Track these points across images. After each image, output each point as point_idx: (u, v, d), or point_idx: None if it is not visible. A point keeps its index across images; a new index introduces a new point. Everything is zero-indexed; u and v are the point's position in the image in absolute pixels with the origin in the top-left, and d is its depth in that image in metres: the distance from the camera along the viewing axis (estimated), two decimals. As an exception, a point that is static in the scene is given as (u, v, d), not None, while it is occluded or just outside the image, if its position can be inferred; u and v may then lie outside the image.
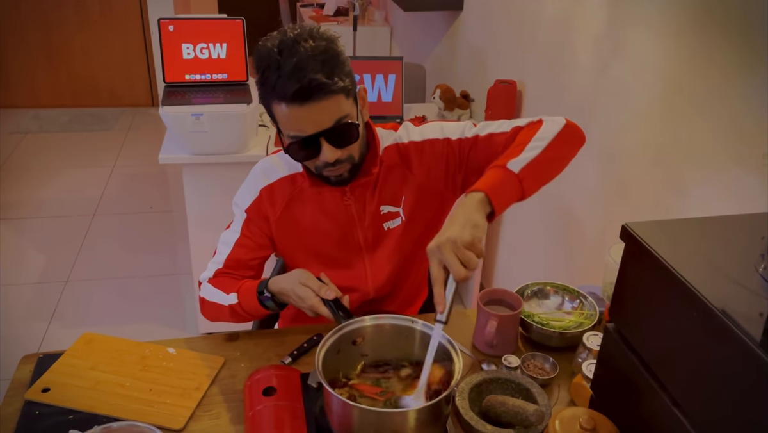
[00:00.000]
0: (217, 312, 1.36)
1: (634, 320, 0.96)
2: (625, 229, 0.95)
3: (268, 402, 1.09)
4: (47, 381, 1.22)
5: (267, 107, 1.20)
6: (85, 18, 5.01)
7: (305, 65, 1.09)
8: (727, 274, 0.86)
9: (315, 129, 1.15)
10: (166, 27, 2.25)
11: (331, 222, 1.35)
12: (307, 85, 1.09)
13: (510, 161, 1.14)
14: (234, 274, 1.38)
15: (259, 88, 1.17)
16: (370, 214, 1.35)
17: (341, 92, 1.14)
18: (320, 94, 1.11)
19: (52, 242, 3.37)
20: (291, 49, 1.11)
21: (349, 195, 1.33)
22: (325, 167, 1.23)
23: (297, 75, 1.09)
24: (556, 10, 2.11)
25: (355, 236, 1.37)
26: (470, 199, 1.08)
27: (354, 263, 1.39)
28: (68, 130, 4.81)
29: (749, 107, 1.29)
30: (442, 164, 1.34)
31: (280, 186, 1.35)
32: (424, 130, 1.37)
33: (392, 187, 1.35)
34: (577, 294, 1.41)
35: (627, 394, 0.98)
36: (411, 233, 1.38)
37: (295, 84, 1.09)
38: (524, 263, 2.50)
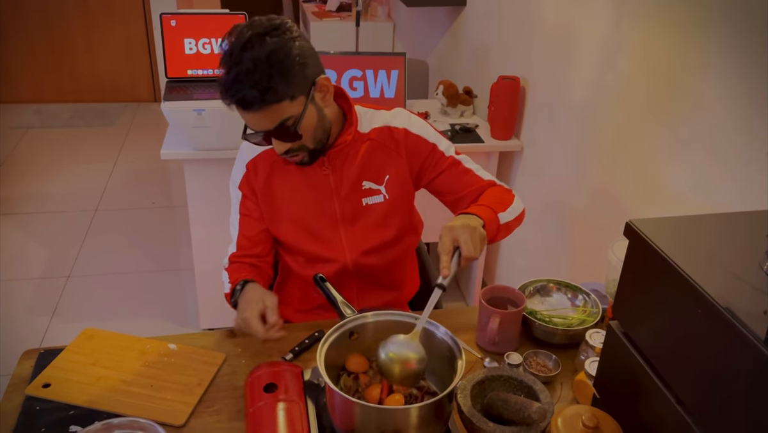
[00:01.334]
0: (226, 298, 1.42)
1: (638, 317, 0.95)
2: (629, 226, 0.94)
3: (270, 398, 1.09)
4: (48, 377, 1.21)
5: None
6: (87, 13, 5.00)
7: (243, 79, 1.15)
8: (731, 271, 0.85)
9: (260, 128, 1.24)
10: (168, 22, 2.24)
11: (310, 191, 1.40)
12: (242, 99, 1.17)
13: (500, 213, 1.31)
14: (248, 255, 1.43)
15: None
16: (348, 187, 1.40)
17: (283, 99, 1.19)
18: (256, 106, 1.18)
19: (54, 237, 3.37)
20: (236, 57, 1.15)
21: (327, 165, 1.38)
22: (282, 155, 1.30)
23: (235, 88, 1.16)
24: (559, 6, 2.09)
25: (331, 206, 1.41)
26: (471, 218, 1.21)
27: (331, 234, 1.44)
28: (70, 126, 4.80)
29: (754, 104, 1.28)
30: (419, 161, 1.42)
31: (263, 157, 1.41)
32: (418, 124, 1.43)
33: (377, 165, 1.40)
34: (580, 291, 1.40)
35: (630, 392, 0.98)
36: (395, 212, 1.44)
37: (234, 96, 1.17)
38: (527, 260, 2.49)
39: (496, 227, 1.28)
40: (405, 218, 1.47)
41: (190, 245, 2.48)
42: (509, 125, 2.44)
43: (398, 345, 1.05)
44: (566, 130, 2.10)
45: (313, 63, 1.23)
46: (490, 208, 1.29)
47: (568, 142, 2.08)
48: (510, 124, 2.43)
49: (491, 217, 1.27)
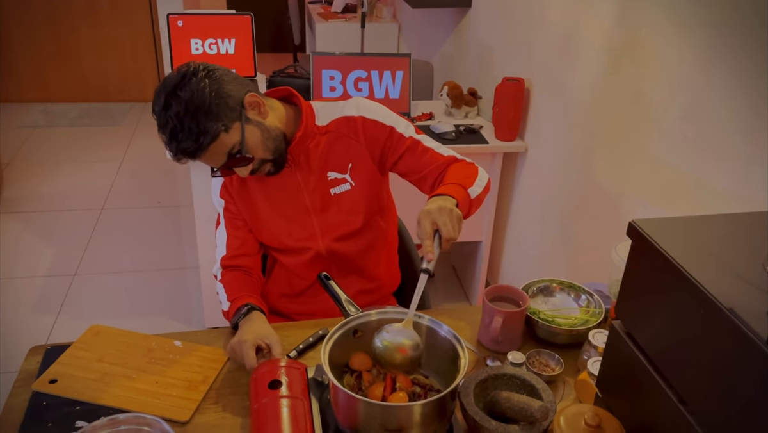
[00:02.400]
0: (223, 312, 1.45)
1: (641, 317, 0.96)
2: (632, 226, 0.95)
3: (274, 395, 1.10)
4: (54, 373, 1.23)
5: None
6: (94, 13, 5.02)
7: (176, 135, 1.23)
8: (734, 271, 0.85)
9: (215, 165, 1.31)
10: (175, 22, 2.25)
11: (281, 190, 1.45)
12: (183, 150, 1.25)
13: (470, 187, 1.33)
14: (240, 255, 1.48)
15: None
16: (315, 179, 1.45)
17: (217, 135, 1.25)
18: (199, 152, 1.25)
19: (61, 235, 3.39)
20: (163, 119, 1.24)
21: (290, 163, 1.42)
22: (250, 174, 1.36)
23: (173, 145, 1.25)
24: (564, 8, 2.10)
25: (302, 199, 1.46)
26: (446, 199, 1.23)
27: (305, 224, 1.49)
28: (77, 125, 4.83)
29: (756, 107, 1.28)
30: (379, 146, 1.45)
31: None
32: (373, 109, 1.46)
33: (339, 155, 1.44)
34: (583, 291, 1.41)
35: (633, 391, 0.98)
36: (363, 197, 1.48)
37: (176, 151, 1.25)
38: (530, 260, 2.49)
39: (468, 203, 1.31)
40: (372, 202, 1.50)
41: (195, 244, 2.49)
42: (514, 126, 2.44)
43: (392, 333, 1.08)
44: (570, 132, 2.10)
45: (233, 89, 1.28)
46: (459, 185, 1.31)
47: (573, 144, 2.09)
48: (514, 125, 2.44)
49: (463, 195, 1.29)
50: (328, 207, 1.47)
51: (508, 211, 2.67)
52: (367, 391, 1.11)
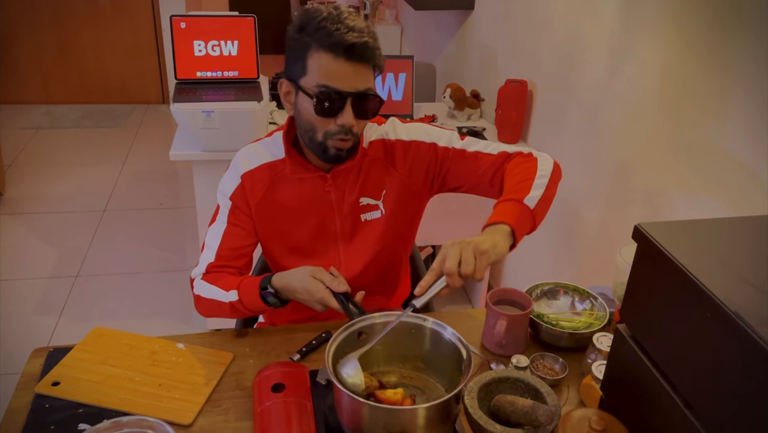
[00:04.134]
0: (215, 309, 1.35)
1: (646, 321, 0.95)
2: (637, 229, 0.94)
3: (277, 399, 1.10)
4: (57, 375, 1.22)
5: (301, 55, 1.21)
6: (96, 15, 5.03)
7: (363, 30, 1.18)
8: (740, 275, 0.85)
9: (349, 88, 1.20)
10: (178, 24, 2.25)
11: (310, 208, 1.37)
12: (363, 44, 1.17)
13: (525, 197, 1.22)
14: (228, 266, 1.37)
15: (303, 35, 1.20)
16: (348, 204, 1.38)
17: (376, 69, 1.23)
18: (367, 58, 1.19)
19: (63, 237, 3.39)
20: (351, 15, 1.20)
21: (330, 182, 1.35)
22: (337, 134, 1.24)
23: (357, 33, 1.17)
24: (567, 10, 2.10)
25: (333, 224, 1.39)
26: (499, 229, 1.16)
27: (329, 250, 1.41)
28: (79, 127, 4.84)
29: (761, 110, 1.28)
30: (423, 167, 1.39)
31: (260, 172, 1.36)
32: (411, 130, 1.40)
33: (374, 180, 1.38)
34: (588, 295, 1.40)
35: (638, 395, 0.98)
36: (391, 227, 1.41)
37: (354, 39, 1.16)
38: (533, 263, 2.49)
39: (529, 215, 1.21)
40: (403, 230, 1.45)
41: (197, 246, 2.49)
42: (517, 129, 2.44)
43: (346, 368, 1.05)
44: (574, 134, 2.10)
45: None
46: (512, 200, 1.22)
47: (576, 146, 2.08)
48: (517, 127, 2.44)
49: (516, 212, 1.19)
50: (357, 234, 1.40)
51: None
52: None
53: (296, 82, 1.24)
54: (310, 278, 1.21)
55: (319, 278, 1.21)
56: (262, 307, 1.29)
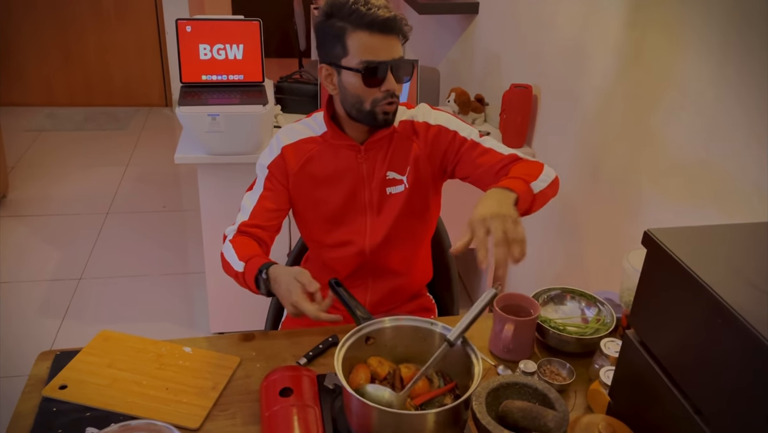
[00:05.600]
0: (230, 271, 1.43)
1: (656, 326, 0.95)
2: (647, 235, 0.94)
3: (285, 403, 1.09)
4: (64, 378, 1.22)
5: (338, 38, 1.34)
6: (100, 17, 5.04)
7: (388, 6, 1.33)
8: (750, 281, 0.85)
9: (387, 57, 1.33)
10: (184, 27, 2.26)
11: (343, 179, 1.48)
12: (394, 18, 1.31)
13: (532, 182, 1.32)
14: (259, 226, 1.48)
15: (335, 20, 1.33)
16: (377, 177, 1.48)
17: (403, 38, 1.37)
18: (397, 29, 1.33)
19: (66, 239, 3.39)
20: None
21: (362, 155, 1.47)
22: (384, 99, 1.37)
23: (385, 8, 1.31)
24: (572, 14, 2.10)
25: (362, 194, 1.50)
26: (504, 193, 1.23)
27: (357, 219, 1.52)
28: (82, 129, 4.84)
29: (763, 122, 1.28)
30: (441, 150, 1.49)
31: (301, 145, 1.49)
32: (438, 116, 1.51)
33: (400, 156, 1.49)
34: (594, 300, 1.40)
35: (646, 401, 0.97)
36: (411, 202, 1.51)
37: (386, 14, 1.30)
38: (537, 268, 2.49)
39: (531, 197, 1.30)
40: (422, 207, 1.53)
41: (200, 249, 2.49)
42: (521, 133, 2.44)
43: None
44: (579, 139, 2.10)
45: None
46: (520, 179, 1.30)
47: (580, 151, 2.08)
48: (522, 132, 2.44)
49: (524, 188, 1.27)
50: (383, 206, 1.50)
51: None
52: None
53: (337, 64, 1.36)
54: (294, 280, 1.25)
55: (301, 281, 1.24)
56: (254, 289, 1.36)
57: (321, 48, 1.40)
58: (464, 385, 1.09)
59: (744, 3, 1.35)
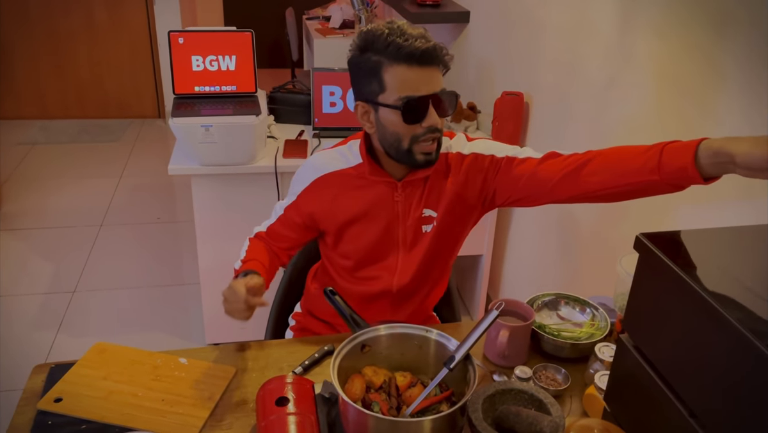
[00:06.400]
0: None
1: (649, 331, 0.96)
2: (639, 240, 0.95)
3: (281, 412, 1.09)
4: (60, 391, 1.22)
5: (374, 74, 1.27)
6: (92, 30, 5.05)
7: (425, 35, 1.25)
8: (742, 284, 0.86)
9: (428, 91, 1.26)
10: (176, 39, 2.27)
11: (378, 216, 1.42)
12: (432, 48, 1.24)
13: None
14: (270, 242, 1.51)
15: (371, 55, 1.26)
16: (414, 215, 1.42)
17: (444, 68, 1.29)
18: (438, 60, 1.26)
19: (60, 252, 3.38)
20: (407, 25, 1.26)
21: (399, 192, 1.40)
22: (425, 134, 1.29)
23: (424, 39, 1.24)
24: (563, 21, 2.12)
25: (396, 232, 1.44)
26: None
27: (389, 256, 1.46)
28: (76, 141, 4.84)
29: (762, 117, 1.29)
30: (480, 178, 1.41)
31: (334, 177, 1.42)
32: (474, 145, 1.44)
33: (436, 192, 1.42)
34: (588, 305, 1.41)
35: (641, 405, 0.98)
36: (440, 239, 1.45)
37: (424, 45, 1.23)
38: (530, 273, 2.50)
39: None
40: (450, 240, 1.48)
41: (194, 260, 2.49)
42: (513, 140, 2.45)
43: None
44: (571, 146, 2.11)
45: None
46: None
47: (573, 157, 2.09)
48: (514, 139, 2.45)
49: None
50: (416, 245, 1.45)
51: (508, 224, 2.67)
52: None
53: (374, 101, 1.29)
54: (236, 285, 1.24)
55: (237, 290, 1.23)
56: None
57: (356, 84, 1.34)
58: (460, 392, 1.09)
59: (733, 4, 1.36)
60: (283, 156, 2.34)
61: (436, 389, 1.11)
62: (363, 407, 1.03)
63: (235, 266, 1.44)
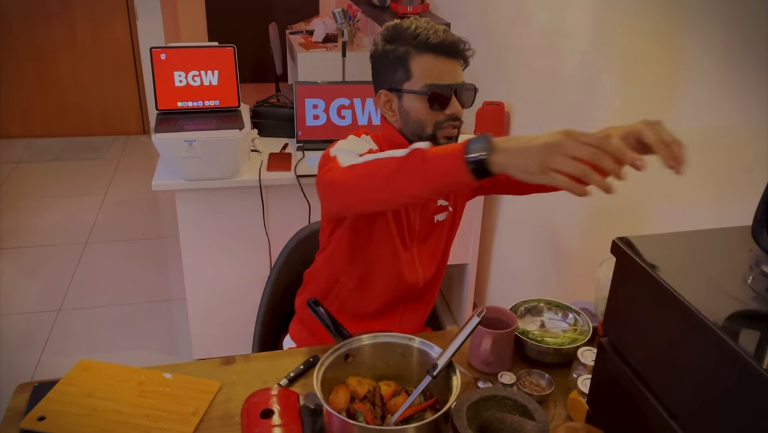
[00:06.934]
0: (371, 173, 1.16)
1: (628, 334, 0.97)
2: (615, 244, 0.97)
3: (266, 424, 1.09)
4: (43, 409, 1.21)
5: (401, 63, 1.34)
6: (75, 47, 5.04)
7: (448, 31, 1.35)
8: (718, 286, 0.87)
9: (452, 81, 1.34)
10: (159, 56, 2.27)
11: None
12: (458, 41, 1.34)
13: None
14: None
15: (397, 46, 1.34)
16: (430, 205, 1.46)
17: (465, 63, 1.40)
18: (460, 53, 1.36)
19: (45, 270, 3.36)
20: (431, 21, 1.35)
21: None
22: (447, 121, 1.35)
23: (451, 34, 1.34)
24: (541, 30, 2.15)
25: (411, 219, 1.45)
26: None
27: (408, 249, 1.47)
28: (60, 159, 4.81)
29: (735, 123, 1.32)
30: None
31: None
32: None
33: None
34: (571, 310, 1.42)
35: (623, 408, 0.99)
36: (452, 226, 1.51)
37: (451, 38, 1.33)
38: (516, 280, 2.51)
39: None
40: (456, 230, 1.53)
41: (180, 275, 2.48)
42: (496, 149, 2.47)
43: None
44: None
45: None
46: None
47: (555, 165, 2.12)
48: (497, 148, 2.47)
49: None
50: (429, 235, 1.47)
51: (493, 233, 2.69)
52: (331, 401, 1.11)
53: (398, 89, 1.36)
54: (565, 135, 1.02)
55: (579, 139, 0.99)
56: (455, 165, 1.01)
57: (379, 75, 1.39)
58: (444, 400, 1.09)
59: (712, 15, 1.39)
60: (267, 169, 2.34)
61: (420, 397, 1.12)
62: (348, 417, 1.03)
63: (396, 155, 1.10)
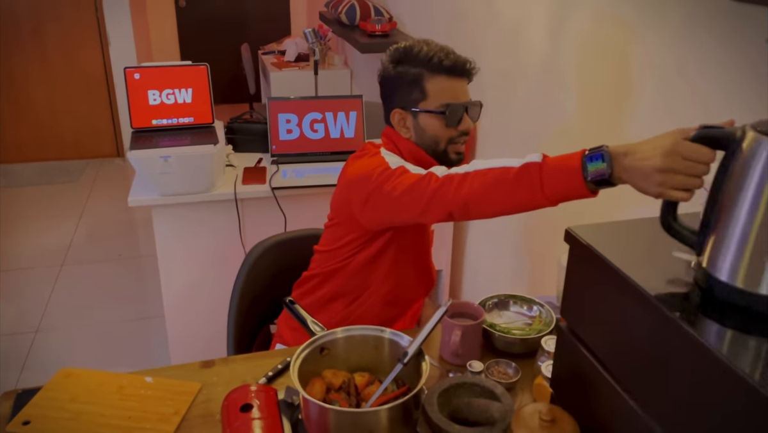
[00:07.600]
0: (493, 181, 1.22)
1: (584, 317, 1.04)
2: (568, 233, 1.04)
3: (246, 418, 1.14)
4: (28, 414, 1.24)
5: (415, 84, 1.46)
6: (47, 71, 5.05)
7: (455, 52, 1.47)
8: (663, 269, 0.94)
9: (464, 99, 1.48)
10: (132, 75, 2.32)
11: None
12: (466, 61, 1.46)
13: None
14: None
15: (409, 68, 1.46)
16: None
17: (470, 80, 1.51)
18: (469, 73, 1.49)
19: (21, 293, 3.35)
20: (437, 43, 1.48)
21: None
22: (459, 137, 1.49)
23: (458, 55, 1.46)
24: (502, 38, 2.24)
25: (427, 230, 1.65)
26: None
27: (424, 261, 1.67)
28: (35, 184, 4.81)
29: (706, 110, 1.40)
30: None
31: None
32: None
33: None
34: (535, 303, 1.49)
35: (582, 386, 1.05)
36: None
37: (462, 59, 1.45)
38: (488, 282, 2.58)
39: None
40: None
41: (158, 293, 2.50)
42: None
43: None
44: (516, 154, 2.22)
45: None
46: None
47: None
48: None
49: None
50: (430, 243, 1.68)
51: (465, 239, 2.76)
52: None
53: (413, 109, 1.48)
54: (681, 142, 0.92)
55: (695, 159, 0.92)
56: (574, 183, 1.09)
57: (392, 95, 1.51)
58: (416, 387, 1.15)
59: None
60: (242, 183, 2.39)
61: (393, 385, 1.17)
62: (324, 407, 1.08)
63: (511, 165, 1.20)
